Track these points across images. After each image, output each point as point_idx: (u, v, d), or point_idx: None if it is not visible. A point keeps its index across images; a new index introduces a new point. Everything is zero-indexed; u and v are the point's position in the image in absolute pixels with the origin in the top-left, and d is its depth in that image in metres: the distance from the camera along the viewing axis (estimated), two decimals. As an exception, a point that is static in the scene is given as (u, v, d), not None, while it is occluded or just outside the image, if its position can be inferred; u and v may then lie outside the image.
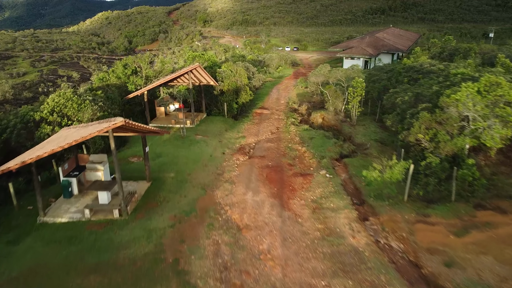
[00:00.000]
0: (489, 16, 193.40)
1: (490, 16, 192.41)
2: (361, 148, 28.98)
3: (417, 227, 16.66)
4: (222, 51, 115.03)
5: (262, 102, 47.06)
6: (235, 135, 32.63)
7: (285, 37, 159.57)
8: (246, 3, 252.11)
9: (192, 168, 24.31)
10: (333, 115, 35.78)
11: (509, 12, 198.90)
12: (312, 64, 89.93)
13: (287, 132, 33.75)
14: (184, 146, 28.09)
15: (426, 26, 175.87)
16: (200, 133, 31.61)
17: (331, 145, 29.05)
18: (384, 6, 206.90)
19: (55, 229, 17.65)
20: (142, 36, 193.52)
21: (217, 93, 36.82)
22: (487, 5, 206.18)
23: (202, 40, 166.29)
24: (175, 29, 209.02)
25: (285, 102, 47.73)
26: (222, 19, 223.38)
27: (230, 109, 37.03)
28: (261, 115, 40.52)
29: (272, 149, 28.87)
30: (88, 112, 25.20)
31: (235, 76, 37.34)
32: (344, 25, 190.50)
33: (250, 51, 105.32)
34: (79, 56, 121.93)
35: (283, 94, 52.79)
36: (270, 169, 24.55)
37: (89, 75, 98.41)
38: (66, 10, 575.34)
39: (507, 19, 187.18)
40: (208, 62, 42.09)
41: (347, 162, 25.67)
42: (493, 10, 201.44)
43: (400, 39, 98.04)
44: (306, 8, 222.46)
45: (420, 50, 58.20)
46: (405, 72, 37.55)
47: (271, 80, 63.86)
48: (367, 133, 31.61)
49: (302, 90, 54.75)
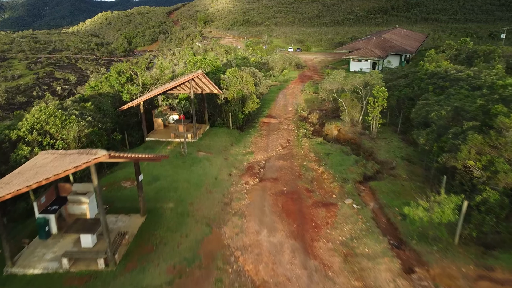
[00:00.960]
0: (493, 16, 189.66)
1: (494, 16, 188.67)
2: (386, 167, 25.33)
3: (482, 287, 13.04)
4: (224, 53, 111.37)
5: (269, 110, 43.40)
6: (242, 150, 28.97)
7: (287, 38, 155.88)
8: (247, 3, 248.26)
9: (195, 195, 20.66)
10: (349, 126, 32.12)
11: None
12: (317, 66, 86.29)
13: (300, 146, 30.11)
14: (185, 166, 24.43)
15: (430, 26, 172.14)
16: (203, 149, 27.96)
17: (352, 164, 25.40)
18: (387, 6, 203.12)
19: (25, 284, 14.05)
20: (142, 37, 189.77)
21: (221, 102, 33.19)
22: (491, 4, 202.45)
23: (203, 41, 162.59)
24: (175, 29, 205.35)
25: (294, 109, 44.09)
26: (223, 20, 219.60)
27: (235, 120, 33.42)
28: (269, 125, 36.87)
29: (285, 169, 25.22)
30: (74, 129, 21.55)
31: (240, 84, 33.69)
32: (346, 25, 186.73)
33: (252, 52, 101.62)
34: (77, 58, 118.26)
35: (290, 100, 49.13)
36: (285, 197, 20.89)
37: (86, 77, 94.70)
38: (66, 10, 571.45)
39: (511, 19, 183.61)
40: (211, 67, 38.43)
41: (373, 186, 22.01)
42: (497, 9, 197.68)
43: (407, 40, 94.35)
44: (307, 8, 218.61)
45: (434, 52, 54.54)
46: (428, 78, 33.90)
47: (277, 84, 60.18)
48: (390, 149, 27.95)
49: (310, 96, 51.14)
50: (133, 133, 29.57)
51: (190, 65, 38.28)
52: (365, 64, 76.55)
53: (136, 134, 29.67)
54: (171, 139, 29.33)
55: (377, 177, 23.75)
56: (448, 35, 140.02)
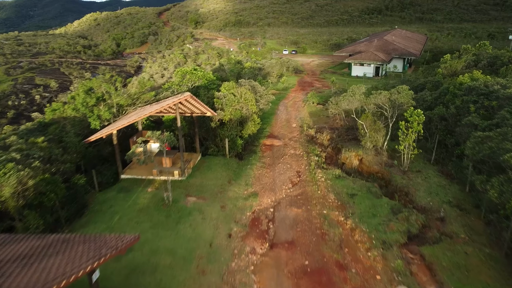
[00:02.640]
0: (488, 15, 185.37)
1: (489, 16, 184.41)
2: (432, 217, 19.22)
3: None
4: (216, 56, 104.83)
5: (270, 126, 37.11)
6: (243, 191, 22.63)
7: (280, 39, 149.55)
8: (239, 3, 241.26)
9: (181, 279, 14.32)
10: (373, 155, 25.94)
11: (507, 11, 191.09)
12: (316, 70, 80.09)
13: (314, 182, 23.88)
14: (169, 223, 18.06)
15: (425, 26, 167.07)
16: (194, 191, 21.60)
17: (388, 213, 19.27)
18: (381, 6, 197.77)
19: None
20: (131, 39, 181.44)
21: (215, 125, 26.81)
22: (485, 4, 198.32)
23: (194, 43, 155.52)
24: (166, 31, 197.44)
25: (298, 125, 37.88)
26: (215, 20, 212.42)
27: (232, 146, 27.11)
28: (272, 149, 30.61)
29: (301, 223, 18.96)
30: (10, 184, 15.07)
31: (239, 102, 27.33)
32: (340, 26, 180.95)
33: (246, 55, 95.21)
34: (61, 62, 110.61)
35: (292, 113, 42.90)
36: (310, 281, 14.61)
37: (69, 83, 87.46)
38: (55, 11, 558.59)
39: (506, 18, 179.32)
40: (203, 80, 32.00)
41: (428, 256, 15.84)
42: (491, 9, 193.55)
43: (409, 41, 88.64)
44: (300, 8, 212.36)
45: (449, 58, 48.68)
46: (465, 94, 27.87)
47: (275, 93, 53.84)
48: (431, 188, 21.82)
49: (315, 108, 44.96)
50: (104, 170, 23.06)
51: (178, 78, 31.83)
52: (368, 68, 70.60)
53: (109, 170, 23.17)
54: (153, 177, 22.91)
55: (426, 237, 17.60)
56: (446, 36, 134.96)
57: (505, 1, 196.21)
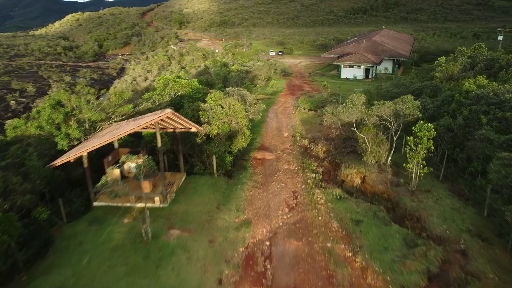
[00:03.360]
0: (471, 15, 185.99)
1: (472, 15, 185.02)
2: (450, 249, 16.73)
3: None
4: (201, 57, 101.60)
5: (260, 136, 34.37)
6: (234, 218, 19.81)
7: (266, 39, 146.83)
8: (224, 3, 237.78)
9: None
10: (377, 172, 23.40)
11: (489, 11, 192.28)
12: (304, 72, 77.57)
13: (313, 204, 21.21)
14: (147, 267, 15.13)
15: (410, 26, 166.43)
16: (177, 221, 18.69)
17: (401, 246, 16.72)
18: (366, 6, 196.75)
19: None
20: (114, 40, 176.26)
21: (201, 140, 23.90)
22: (468, 4, 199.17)
23: (178, 44, 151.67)
24: (149, 31, 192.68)
25: (290, 134, 35.24)
26: (199, 21, 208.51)
27: (221, 163, 24.26)
28: (264, 163, 27.86)
29: (303, 261, 16.22)
30: None
31: (227, 115, 24.46)
32: (326, 26, 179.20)
33: (232, 57, 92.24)
34: (39, 64, 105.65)
35: (283, 120, 40.22)
36: None
37: (47, 87, 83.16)
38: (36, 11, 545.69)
39: (488, 18, 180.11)
40: (187, 88, 29.02)
41: (456, 306, 13.32)
42: (474, 9, 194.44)
43: (397, 42, 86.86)
44: (286, 8, 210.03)
45: (444, 60, 46.60)
46: (472, 104, 25.54)
47: (264, 98, 51.10)
48: (445, 213, 19.33)
49: (306, 114, 42.35)
50: (74, 197, 19.94)
51: (159, 88, 28.75)
52: (358, 70, 68.41)
53: (80, 197, 20.05)
54: (131, 204, 19.91)
55: (450, 277, 15.06)
56: (432, 36, 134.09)
57: (488, 1, 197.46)
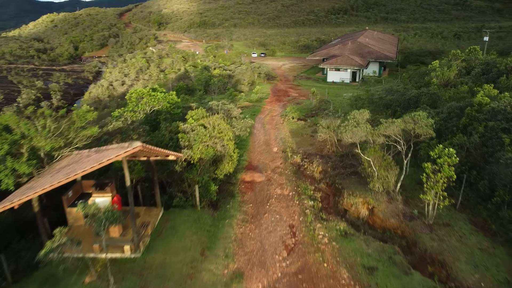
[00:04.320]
0: (449, 15, 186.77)
1: (451, 15, 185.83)
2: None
3: None
4: (181, 60, 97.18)
5: (247, 152, 30.83)
6: (223, 269, 16.15)
7: (248, 40, 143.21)
8: (203, 3, 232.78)
9: None
10: (386, 202, 20.11)
11: (467, 11, 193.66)
12: (288, 76, 74.21)
13: (315, 244, 17.78)
14: None
15: (390, 26, 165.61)
16: (152, 278, 14.90)
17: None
18: (346, 6, 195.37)
19: None
20: (90, 41, 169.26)
21: (181, 168, 20.14)
22: (447, 4, 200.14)
23: (158, 45, 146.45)
24: (127, 32, 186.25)
25: (280, 149, 31.86)
26: (179, 21, 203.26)
27: (205, 193, 20.58)
28: (254, 188, 24.32)
29: (312, 334, 12.78)
30: None
31: (211, 137, 20.77)
32: (307, 26, 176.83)
33: (213, 60, 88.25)
34: (10, 68, 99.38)
35: (271, 132, 36.76)
36: None
37: (17, 93, 77.50)
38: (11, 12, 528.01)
39: (467, 18, 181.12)
40: (164, 103, 25.19)
41: None
42: (452, 9, 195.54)
43: (383, 43, 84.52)
44: (266, 8, 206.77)
45: (438, 64, 43.93)
46: (488, 119, 22.56)
47: (249, 106, 47.52)
48: (473, 256, 16.14)
49: (296, 124, 38.96)
50: (24, 248, 15.94)
51: (132, 103, 24.77)
52: (345, 74, 65.51)
53: (31, 248, 16.04)
54: (95, 254, 16.03)
55: None
56: (413, 36, 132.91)
57: (465, 1, 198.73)
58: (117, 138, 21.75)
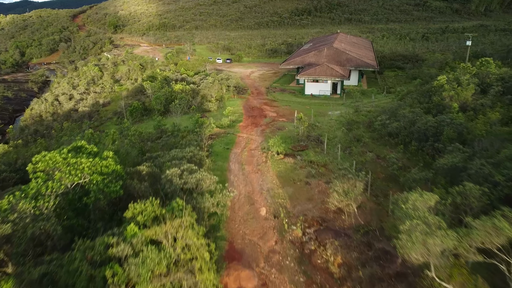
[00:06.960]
0: (411, 15, 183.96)
1: (413, 16, 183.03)
2: None
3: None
4: (138, 68, 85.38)
5: (225, 221, 21.25)
6: None
7: (211, 44, 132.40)
8: (162, 4, 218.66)
9: None
10: None
11: (428, 11, 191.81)
12: (260, 87, 64.63)
13: None
14: None
15: (355, 27, 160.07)
16: None
17: None
18: (310, 7, 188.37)
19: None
20: (38, 46, 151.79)
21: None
22: (408, 4, 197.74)
23: (113, 50, 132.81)
24: (81, 36, 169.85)
25: (269, 211, 22.67)
26: (136, 24, 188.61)
27: None
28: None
29: None
30: None
31: (171, 267, 11.03)
32: (271, 28, 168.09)
33: (175, 69, 77.36)
34: None
35: (254, 179, 27.37)
36: None
37: None
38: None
39: (428, 18, 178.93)
40: (94, 176, 15.14)
41: None
42: (413, 9, 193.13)
43: (359, 48, 76.81)
44: (228, 9, 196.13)
45: (445, 81, 35.93)
46: None
47: (219, 133, 37.68)
48: None
49: (283, 164, 29.63)
50: None
51: (39, 180, 14.26)
52: (325, 85, 56.85)
53: None
54: None
55: None
56: (381, 38, 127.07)
57: (425, 1, 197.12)
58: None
